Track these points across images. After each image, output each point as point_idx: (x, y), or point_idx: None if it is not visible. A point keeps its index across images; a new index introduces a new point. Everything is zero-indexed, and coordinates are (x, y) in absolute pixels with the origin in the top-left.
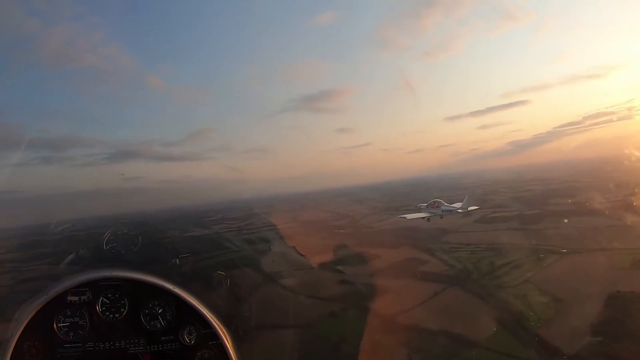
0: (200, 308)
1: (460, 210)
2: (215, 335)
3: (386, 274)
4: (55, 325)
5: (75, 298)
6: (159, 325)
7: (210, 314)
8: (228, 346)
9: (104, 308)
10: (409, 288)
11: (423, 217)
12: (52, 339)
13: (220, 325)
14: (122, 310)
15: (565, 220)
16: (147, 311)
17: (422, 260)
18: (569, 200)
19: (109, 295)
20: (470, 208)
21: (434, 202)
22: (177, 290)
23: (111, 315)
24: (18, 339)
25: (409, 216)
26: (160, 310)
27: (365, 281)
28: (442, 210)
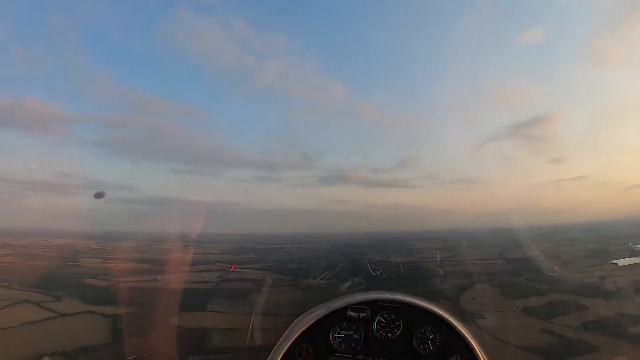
0: (469, 338)
1: None
2: None
3: (593, 328)
4: (330, 335)
5: (355, 314)
6: (427, 350)
7: (477, 346)
8: None
9: (379, 326)
10: (619, 347)
11: (638, 263)
12: (325, 346)
13: (486, 358)
14: (395, 330)
15: None
16: (419, 335)
17: (637, 317)
18: None
19: (385, 316)
20: None
21: None
22: (451, 319)
23: (385, 334)
24: (295, 339)
25: (622, 262)
26: (431, 336)
27: (570, 334)
28: None
